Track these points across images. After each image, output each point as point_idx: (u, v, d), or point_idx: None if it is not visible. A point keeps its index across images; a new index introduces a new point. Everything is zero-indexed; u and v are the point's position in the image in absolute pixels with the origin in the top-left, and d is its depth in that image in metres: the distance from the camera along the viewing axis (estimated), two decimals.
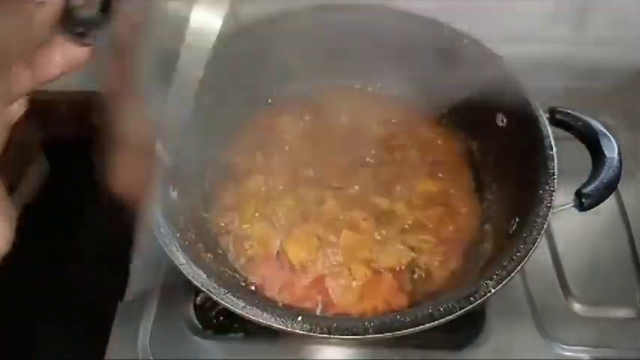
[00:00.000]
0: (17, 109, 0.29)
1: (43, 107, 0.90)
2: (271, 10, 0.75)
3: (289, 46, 0.74)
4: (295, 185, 0.70)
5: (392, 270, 0.63)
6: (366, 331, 0.48)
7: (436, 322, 0.49)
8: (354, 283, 0.62)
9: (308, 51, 0.76)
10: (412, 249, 0.65)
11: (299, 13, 0.72)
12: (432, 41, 0.71)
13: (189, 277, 0.52)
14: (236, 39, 0.70)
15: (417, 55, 0.73)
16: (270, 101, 0.80)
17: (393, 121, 0.78)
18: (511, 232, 0.57)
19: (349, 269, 0.63)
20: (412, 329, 0.48)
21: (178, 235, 0.55)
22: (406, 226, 0.67)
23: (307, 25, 0.73)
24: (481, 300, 0.50)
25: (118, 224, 0.80)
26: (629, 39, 0.84)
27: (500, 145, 0.68)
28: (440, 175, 0.72)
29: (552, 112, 0.63)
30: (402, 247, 0.65)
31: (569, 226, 0.71)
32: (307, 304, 0.61)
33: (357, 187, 0.70)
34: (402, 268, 0.63)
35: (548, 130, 0.61)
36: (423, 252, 0.65)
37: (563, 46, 0.85)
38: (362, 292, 0.61)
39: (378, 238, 0.65)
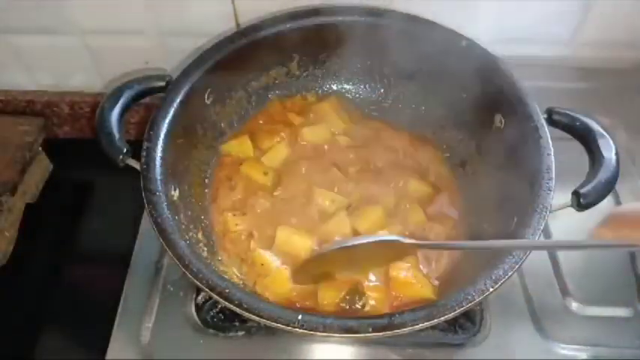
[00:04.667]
0: None
1: (43, 107, 0.91)
2: (271, 10, 0.76)
3: (289, 47, 0.75)
4: (298, 187, 0.70)
5: None
6: (365, 330, 0.48)
7: (435, 321, 0.49)
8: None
9: (308, 52, 0.77)
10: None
11: (298, 14, 0.73)
12: (431, 42, 0.71)
13: (190, 277, 0.52)
14: (236, 39, 0.70)
15: (415, 56, 0.74)
16: (271, 101, 0.80)
17: (392, 121, 0.78)
18: (510, 231, 0.57)
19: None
20: (411, 328, 0.49)
21: (179, 234, 0.55)
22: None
23: (306, 25, 0.73)
24: (480, 299, 0.50)
25: (117, 224, 0.81)
26: (627, 40, 0.84)
27: (498, 145, 0.69)
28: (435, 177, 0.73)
29: (550, 112, 0.63)
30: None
31: (567, 226, 0.71)
32: (307, 304, 0.62)
33: (356, 189, 0.70)
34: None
35: (546, 130, 0.61)
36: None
37: (560, 47, 0.86)
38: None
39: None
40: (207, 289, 0.51)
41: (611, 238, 0.36)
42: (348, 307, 0.60)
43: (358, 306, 0.61)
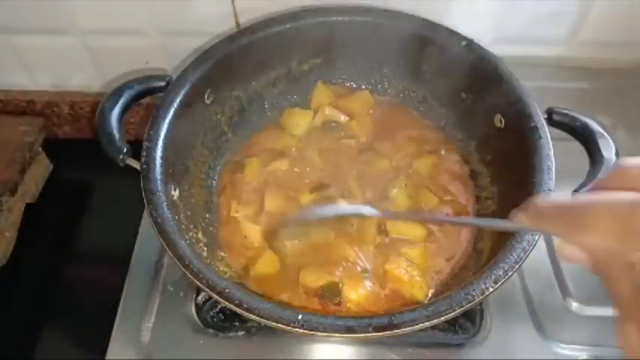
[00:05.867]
0: None
1: (43, 107, 0.91)
2: (271, 10, 0.76)
3: (289, 47, 0.75)
4: (300, 189, 0.70)
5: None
6: (365, 330, 0.48)
7: (435, 320, 0.49)
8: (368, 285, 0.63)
9: (308, 52, 0.77)
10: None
11: (298, 14, 0.73)
12: (431, 42, 0.71)
13: (190, 277, 0.52)
14: (236, 39, 0.70)
15: (416, 56, 0.74)
16: (272, 101, 0.80)
17: (393, 122, 0.78)
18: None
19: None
20: (411, 328, 0.49)
21: (179, 234, 0.55)
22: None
23: (306, 25, 0.73)
24: (480, 299, 0.50)
25: (118, 224, 0.81)
26: (626, 40, 0.84)
27: (498, 145, 0.69)
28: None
29: (550, 112, 0.63)
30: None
31: None
32: (307, 306, 0.62)
33: (354, 192, 0.70)
34: None
35: (546, 130, 0.61)
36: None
37: (560, 47, 0.86)
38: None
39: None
40: (207, 289, 0.51)
41: (527, 224, 0.34)
42: (323, 297, 0.62)
43: (335, 301, 0.62)
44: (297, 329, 0.48)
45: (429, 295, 0.63)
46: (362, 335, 0.48)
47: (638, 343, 0.26)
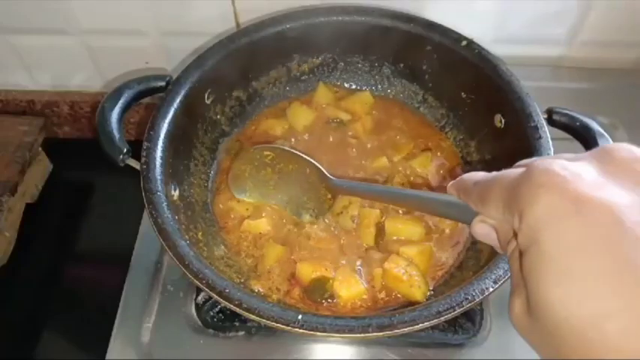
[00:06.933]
0: None
1: (43, 107, 0.91)
2: (271, 10, 0.76)
3: (289, 47, 0.75)
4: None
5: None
6: (365, 331, 0.48)
7: (435, 321, 0.49)
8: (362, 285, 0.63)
9: (308, 52, 0.77)
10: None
11: (298, 14, 0.73)
12: (431, 42, 0.71)
13: (190, 277, 0.52)
14: (236, 39, 0.70)
15: (416, 56, 0.74)
16: (272, 101, 0.80)
17: (393, 122, 0.78)
18: None
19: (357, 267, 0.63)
20: (411, 328, 0.49)
21: (179, 234, 0.55)
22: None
23: (306, 25, 0.73)
24: (480, 299, 0.50)
25: (117, 224, 0.81)
26: (626, 40, 0.84)
27: (498, 145, 0.69)
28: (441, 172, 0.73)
29: (550, 112, 0.63)
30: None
31: None
32: (306, 307, 0.62)
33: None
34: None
35: (546, 130, 0.61)
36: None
37: (560, 47, 0.86)
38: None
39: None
40: (207, 289, 0.51)
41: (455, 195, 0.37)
42: (313, 292, 0.63)
43: (325, 296, 0.62)
44: (297, 329, 0.48)
45: (428, 295, 0.62)
46: (362, 335, 0.48)
47: (521, 314, 0.28)
